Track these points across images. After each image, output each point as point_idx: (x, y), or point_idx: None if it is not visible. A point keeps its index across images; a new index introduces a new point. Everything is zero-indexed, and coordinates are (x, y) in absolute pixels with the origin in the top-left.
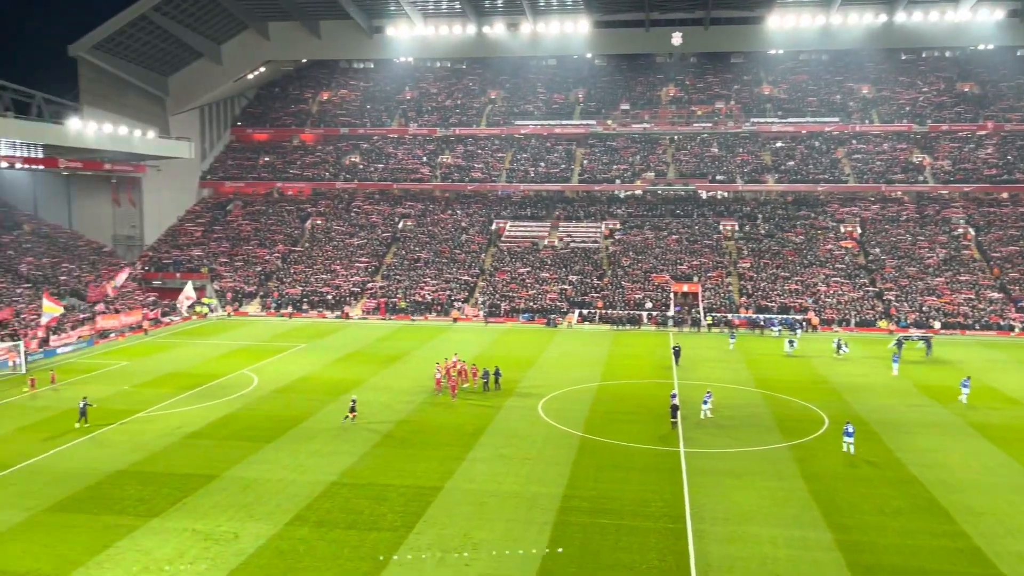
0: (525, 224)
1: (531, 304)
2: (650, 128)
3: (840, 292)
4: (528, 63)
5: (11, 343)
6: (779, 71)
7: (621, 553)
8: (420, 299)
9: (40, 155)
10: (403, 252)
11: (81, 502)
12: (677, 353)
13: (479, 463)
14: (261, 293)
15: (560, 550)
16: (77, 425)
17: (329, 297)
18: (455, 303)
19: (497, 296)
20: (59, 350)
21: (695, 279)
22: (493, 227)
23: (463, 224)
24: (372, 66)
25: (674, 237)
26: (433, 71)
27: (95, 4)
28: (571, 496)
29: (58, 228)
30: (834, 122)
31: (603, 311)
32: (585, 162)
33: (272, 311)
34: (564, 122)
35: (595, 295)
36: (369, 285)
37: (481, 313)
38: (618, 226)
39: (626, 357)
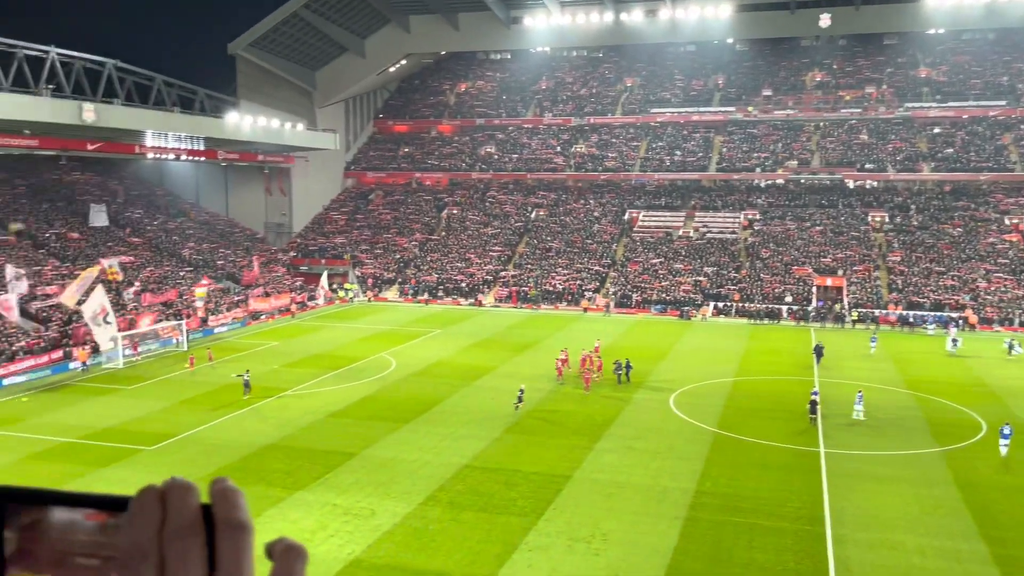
0: (659, 214)
1: (664, 295)
2: (794, 115)
3: (1003, 289)
4: (665, 49)
5: (175, 322)
6: (938, 52)
7: (755, 553)
8: (551, 288)
9: (202, 147)
10: (535, 241)
11: (234, 472)
12: (819, 352)
13: (608, 454)
14: (399, 280)
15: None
16: (245, 398)
17: (463, 285)
18: (586, 293)
19: (628, 287)
20: (216, 329)
21: (840, 272)
22: (626, 217)
23: (595, 214)
24: (509, 57)
25: (818, 228)
26: (569, 60)
27: (251, 4)
28: (703, 492)
29: (216, 216)
30: (1000, 106)
31: (740, 304)
32: (724, 150)
33: (409, 297)
34: (702, 109)
35: (731, 287)
36: (502, 274)
37: (611, 303)
38: (758, 216)
39: (763, 352)
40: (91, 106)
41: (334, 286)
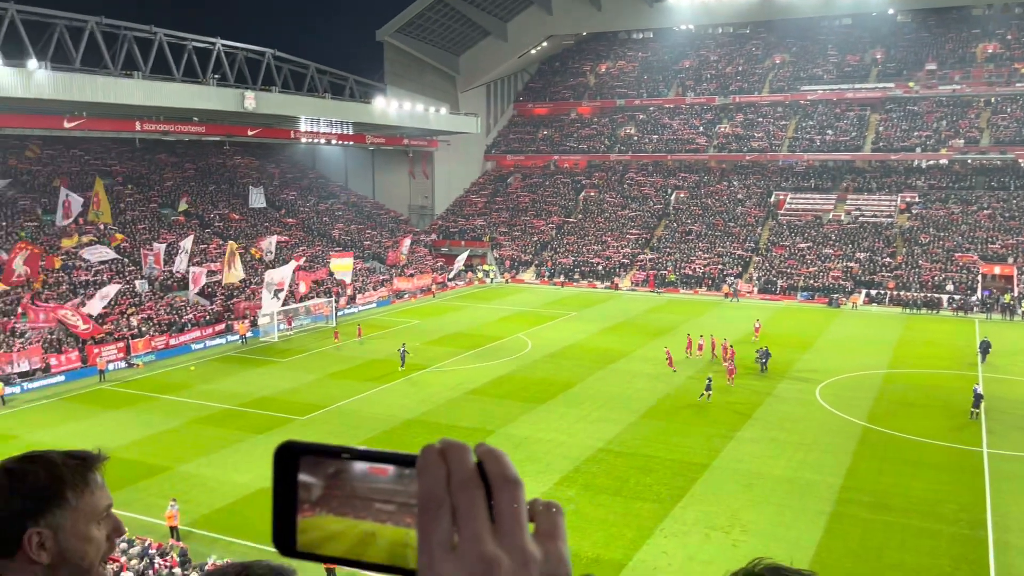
0: (808, 196)
1: (811, 282)
2: (960, 90)
3: None
4: (818, 24)
5: (325, 299)
6: None
7: (907, 554)
8: (691, 272)
9: (351, 132)
10: (674, 224)
11: (381, 443)
12: (985, 349)
13: (748, 444)
14: (536, 262)
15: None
16: (401, 368)
17: (599, 267)
18: (727, 278)
19: (773, 272)
20: (362, 307)
21: (1010, 260)
22: (772, 199)
23: (739, 196)
24: (651, 36)
25: (986, 212)
26: (714, 37)
27: None
28: (850, 488)
29: (363, 198)
30: None
31: (894, 292)
32: (880, 129)
33: (546, 279)
34: (857, 86)
35: (886, 274)
36: (639, 257)
37: (755, 289)
38: (916, 199)
39: (920, 344)
40: (251, 94)
41: (475, 265)
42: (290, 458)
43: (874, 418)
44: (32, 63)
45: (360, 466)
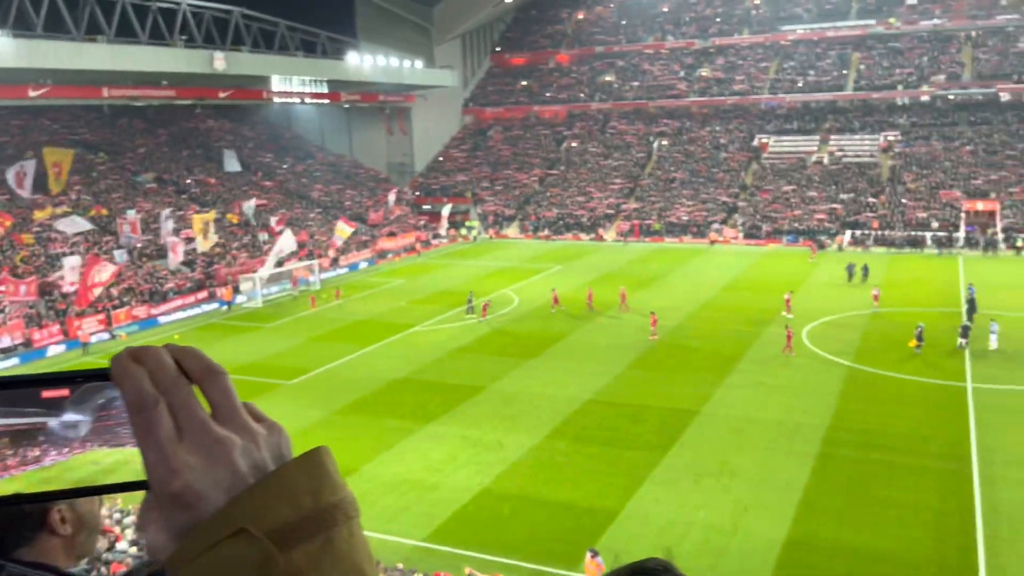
0: (791, 139)
1: (796, 225)
2: (942, 24)
3: None
4: None
5: (307, 262)
6: None
7: (894, 491)
8: (675, 220)
9: (325, 90)
10: (658, 172)
11: (368, 405)
12: (972, 306)
13: (737, 389)
14: (520, 216)
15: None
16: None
17: (584, 219)
18: (712, 225)
19: (758, 217)
20: (345, 269)
21: (992, 195)
22: (755, 143)
23: (722, 141)
24: None
25: (968, 148)
26: None
27: None
28: (837, 428)
29: (341, 157)
30: None
31: (879, 232)
32: (861, 67)
33: (530, 234)
34: (838, 24)
35: (870, 215)
36: (623, 207)
37: (740, 235)
38: (899, 137)
39: (904, 284)
40: (221, 55)
41: (458, 221)
42: None
43: (860, 358)
44: None
45: (24, 393)
